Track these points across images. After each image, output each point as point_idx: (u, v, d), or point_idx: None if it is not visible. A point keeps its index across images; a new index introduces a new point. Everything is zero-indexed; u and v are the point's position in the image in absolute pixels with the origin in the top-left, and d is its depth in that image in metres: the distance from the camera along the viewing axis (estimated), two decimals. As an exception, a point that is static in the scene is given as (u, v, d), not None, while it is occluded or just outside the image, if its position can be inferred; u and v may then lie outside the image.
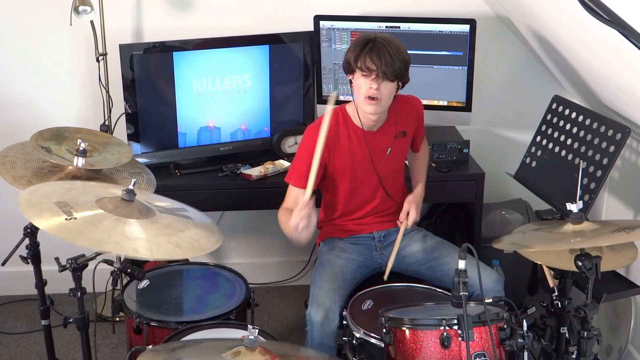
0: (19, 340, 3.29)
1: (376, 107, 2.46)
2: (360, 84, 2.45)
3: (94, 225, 1.93)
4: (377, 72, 2.39)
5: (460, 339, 1.99)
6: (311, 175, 2.36)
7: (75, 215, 1.93)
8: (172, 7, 3.34)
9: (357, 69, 2.43)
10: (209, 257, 3.58)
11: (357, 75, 2.45)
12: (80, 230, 1.89)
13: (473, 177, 3.12)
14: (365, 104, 2.47)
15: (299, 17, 3.28)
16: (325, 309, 2.37)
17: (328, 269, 2.56)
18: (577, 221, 2.12)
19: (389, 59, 2.38)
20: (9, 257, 2.44)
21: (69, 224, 1.90)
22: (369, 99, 2.44)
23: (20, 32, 3.33)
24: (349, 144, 2.60)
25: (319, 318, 2.36)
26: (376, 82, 2.41)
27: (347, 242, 2.72)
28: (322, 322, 2.36)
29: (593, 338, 2.21)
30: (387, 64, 2.38)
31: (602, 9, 1.30)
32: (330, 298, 2.41)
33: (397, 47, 2.42)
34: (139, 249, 1.92)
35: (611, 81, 2.56)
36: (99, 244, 1.88)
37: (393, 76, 2.41)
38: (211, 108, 3.19)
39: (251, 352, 1.85)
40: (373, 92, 2.43)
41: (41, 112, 3.40)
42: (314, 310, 2.39)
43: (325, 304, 2.39)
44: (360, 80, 2.45)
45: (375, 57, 2.39)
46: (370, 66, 2.39)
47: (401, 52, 2.43)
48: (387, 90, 2.44)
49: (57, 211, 1.94)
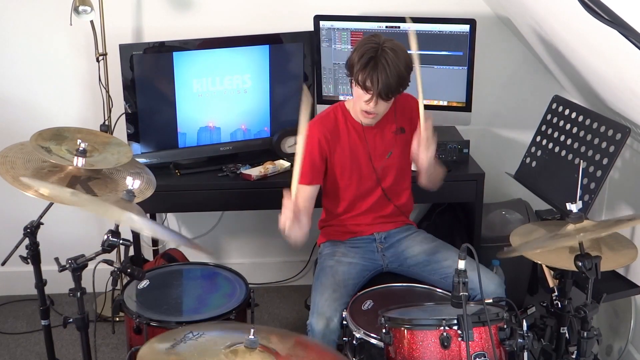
0: (19, 340, 3.29)
1: (372, 120, 2.54)
2: (359, 95, 2.47)
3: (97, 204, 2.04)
4: (374, 93, 2.41)
5: (460, 339, 1.99)
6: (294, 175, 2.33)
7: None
8: (172, 7, 3.34)
9: (357, 83, 2.44)
10: (209, 257, 3.59)
11: (356, 83, 2.45)
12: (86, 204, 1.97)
13: (473, 177, 3.12)
14: (361, 116, 2.53)
15: (299, 17, 3.28)
16: (326, 318, 2.37)
17: (330, 276, 2.55)
18: (577, 221, 2.12)
19: (386, 79, 2.37)
20: (9, 257, 2.45)
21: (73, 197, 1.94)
22: (365, 112, 2.49)
23: (21, 32, 3.34)
24: (349, 139, 2.60)
25: (320, 327, 2.36)
26: (373, 101, 2.44)
27: (348, 246, 2.71)
28: (323, 331, 2.36)
29: (593, 338, 2.21)
30: (384, 85, 2.38)
31: (602, 9, 1.29)
32: (332, 307, 2.41)
33: (396, 64, 2.38)
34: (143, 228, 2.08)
35: (611, 81, 2.56)
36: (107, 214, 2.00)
37: (388, 97, 2.43)
38: (211, 108, 3.19)
39: (251, 352, 1.85)
40: (369, 109, 2.47)
41: (41, 112, 3.40)
42: (315, 320, 2.39)
43: (327, 313, 2.39)
44: (359, 91, 2.46)
45: (375, 77, 2.37)
46: (368, 86, 2.40)
47: (399, 68, 2.39)
48: (383, 106, 2.50)
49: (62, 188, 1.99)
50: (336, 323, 2.38)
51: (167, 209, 3.36)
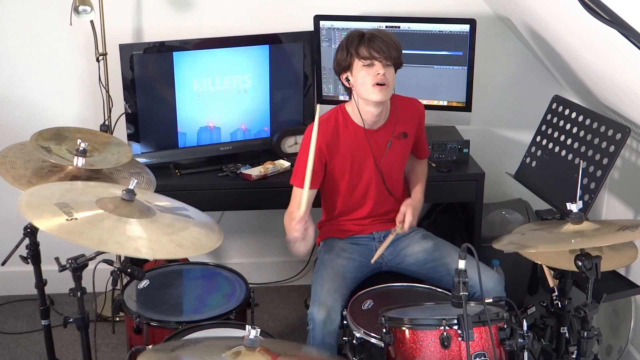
0: (19, 340, 3.29)
1: (385, 93, 2.50)
2: (363, 75, 2.48)
3: (94, 225, 1.93)
4: (384, 56, 2.46)
5: (460, 339, 1.99)
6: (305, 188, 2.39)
7: (76, 215, 1.93)
8: (172, 7, 3.34)
9: (359, 59, 2.47)
10: (209, 257, 3.58)
11: (358, 68, 2.48)
12: (82, 231, 1.89)
13: (473, 177, 3.12)
14: (374, 92, 2.49)
15: (299, 17, 3.28)
16: (327, 308, 2.38)
17: (329, 268, 2.56)
18: (577, 221, 2.12)
19: (391, 43, 2.48)
20: (9, 257, 2.44)
21: (70, 224, 1.90)
22: (378, 85, 2.48)
23: (21, 32, 3.33)
24: (350, 143, 2.60)
25: (321, 317, 2.37)
26: (383, 68, 2.46)
27: (347, 242, 2.72)
28: (324, 320, 2.36)
29: (593, 338, 2.21)
30: (390, 49, 2.46)
31: (602, 9, 1.30)
32: (332, 297, 2.42)
33: (389, 35, 2.52)
34: (140, 248, 1.92)
35: (611, 81, 2.56)
36: (101, 244, 1.88)
37: (396, 59, 2.49)
38: (211, 108, 3.19)
39: (251, 352, 1.85)
40: (381, 78, 2.47)
41: (41, 112, 3.40)
42: (315, 309, 2.39)
43: (327, 302, 2.39)
44: (362, 72, 2.48)
45: (378, 44, 2.46)
46: (375, 54, 2.45)
47: (394, 39, 2.51)
48: (391, 76, 2.51)
49: (58, 212, 1.94)
50: (337, 313, 2.38)
51: (167, 209, 3.35)
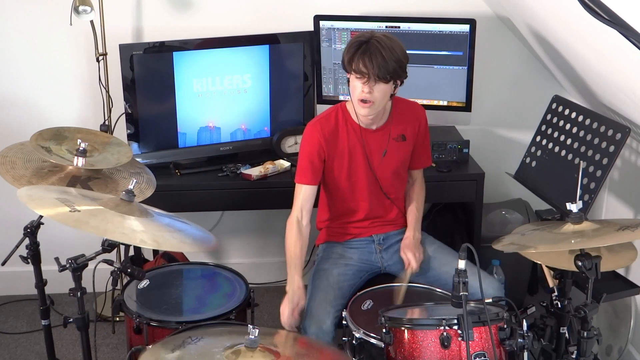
0: (19, 340, 3.29)
1: (369, 110, 2.47)
2: (354, 86, 2.45)
3: (98, 217, 1.95)
4: (369, 75, 2.38)
5: (460, 339, 1.99)
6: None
7: (78, 208, 1.94)
8: (172, 7, 3.34)
9: (351, 70, 2.43)
10: (209, 257, 3.59)
11: (352, 76, 2.45)
12: (87, 220, 1.91)
13: (473, 177, 3.12)
14: (359, 107, 2.48)
15: (299, 17, 3.28)
16: (317, 322, 2.39)
17: (323, 279, 2.56)
18: (577, 221, 2.12)
19: (382, 61, 2.36)
20: (9, 257, 2.44)
21: (74, 214, 1.92)
22: (362, 101, 2.45)
23: (21, 32, 3.34)
24: (347, 140, 2.59)
25: (312, 330, 2.38)
26: (368, 86, 2.40)
27: (345, 247, 2.71)
28: (316, 333, 2.37)
29: (593, 338, 2.21)
30: (380, 67, 2.36)
31: (602, 9, 1.30)
32: (324, 310, 2.42)
33: (391, 47, 2.39)
34: (146, 240, 1.94)
35: (611, 81, 2.56)
36: (107, 233, 1.91)
37: (386, 78, 2.39)
38: (211, 108, 3.19)
39: (251, 351, 1.85)
40: (365, 96, 2.43)
41: (41, 112, 3.40)
42: (307, 322, 2.41)
43: (319, 315, 2.40)
44: (355, 82, 2.45)
45: (367, 60, 2.36)
46: (362, 69, 2.38)
47: (395, 52, 2.39)
48: (380, 92, 2.43)
49: (59, 204, 1.96)
50: (329, 325, 2.39)
51: (167, 209, 3.34)
